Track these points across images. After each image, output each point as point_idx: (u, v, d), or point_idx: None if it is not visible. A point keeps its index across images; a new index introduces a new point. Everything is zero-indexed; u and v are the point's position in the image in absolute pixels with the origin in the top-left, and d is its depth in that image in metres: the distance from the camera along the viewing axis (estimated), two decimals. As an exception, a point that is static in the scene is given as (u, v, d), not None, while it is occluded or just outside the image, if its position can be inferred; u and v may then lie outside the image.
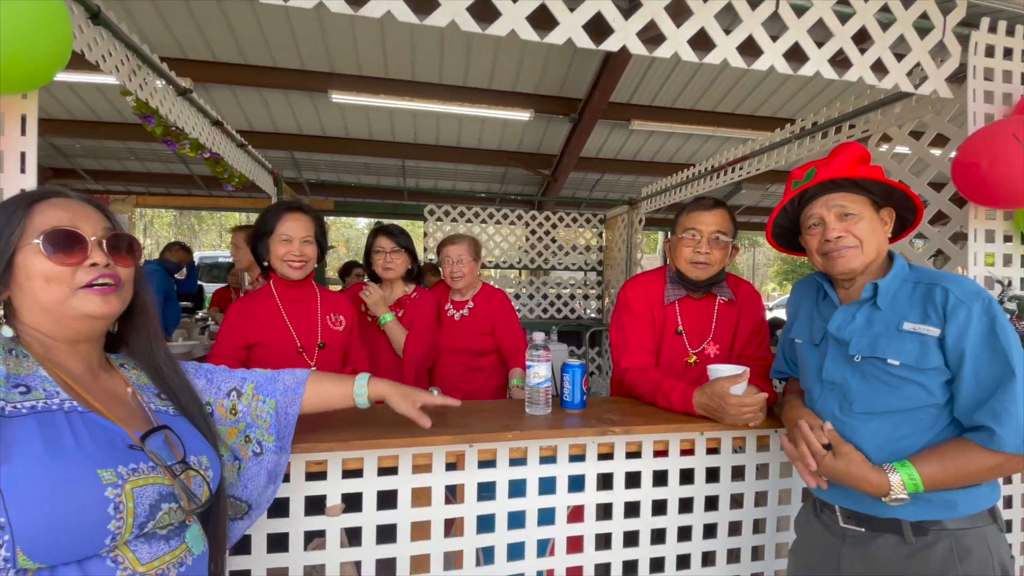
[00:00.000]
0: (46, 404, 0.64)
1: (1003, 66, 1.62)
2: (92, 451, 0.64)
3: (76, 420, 0.65)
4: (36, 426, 0.62)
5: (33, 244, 0.69)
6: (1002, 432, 0.89)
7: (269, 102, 5.08)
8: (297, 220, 1.62)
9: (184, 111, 2.15)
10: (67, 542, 0.59)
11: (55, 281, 0.69)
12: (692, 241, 1.52)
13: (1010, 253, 1.64)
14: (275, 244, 1.61)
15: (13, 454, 0.58)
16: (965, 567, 0.94)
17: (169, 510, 0.68)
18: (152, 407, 0.77)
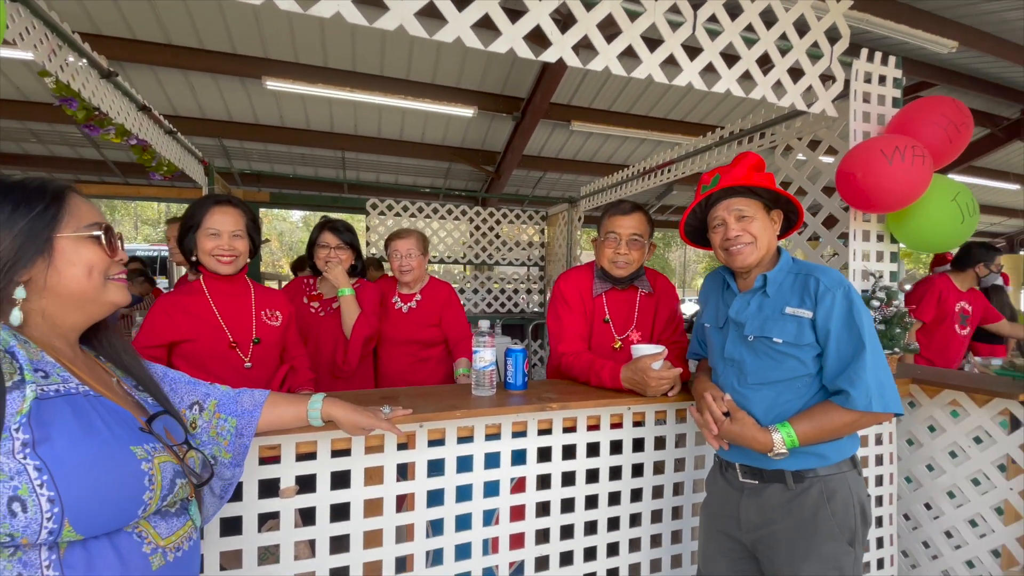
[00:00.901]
0: (66, 388, 0.67)
1: (878, 91, 1.90)
2: (119, 431, 0.68)
3: (95, 403, 0.68)
4: (67, 408, 0.65)
5: (92, 234, 0.73)
6: (855, 394, 1.10)
7: (195, 86, 4.81)
8: (226, 213, 1.57)
9: (108, 94, 2.05)
10: (109, 513, 0.63)
11: (97, 270, 0.73)
12: (613, 243, 1.71)
13: (882, 250, 1.93)
14: (203, 238, 1.56)
15: (53, 434, 0.61)
16: (832, 506, 1.15)
17: (182, 485, 0.74)
18: (137, 396, 0.80)
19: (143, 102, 2.33)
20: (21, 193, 0.69)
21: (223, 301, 1.61)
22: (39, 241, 0.69)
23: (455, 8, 1.41)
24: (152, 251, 10.40)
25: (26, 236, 0.68)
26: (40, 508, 0.58)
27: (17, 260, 0.67)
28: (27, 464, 0.59)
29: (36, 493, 0.58)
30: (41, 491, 0.58)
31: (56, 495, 0.59)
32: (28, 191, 0.70)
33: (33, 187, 0.71)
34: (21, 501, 0.57)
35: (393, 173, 6.95)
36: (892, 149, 1.60)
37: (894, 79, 1.94)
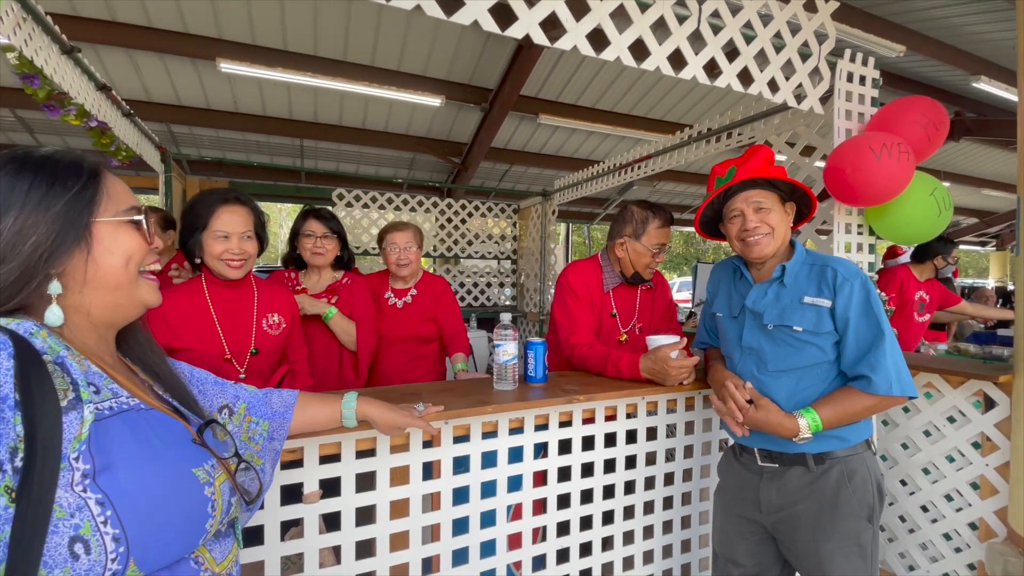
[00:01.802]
0: (118, 404, 0.58)
1: (859, 90, 2.00)
2: (178, 450, 0.60)
3: (148, 418, 0.60)
4: (124, 428, 0.57)
5: (131, 219, 0.64)
6: (876, 379, 1.16)
7: (140, 66, 4.44)
8: (235, 213, 1.44)
9: (68, 73, 1.85)
10: (175, 546, 0.56)
11: (134, 261, 0.64)
12: (659, 254, 1.77)
13: (861, 242, 2.04)
14: (210, 241, 1.42)
15: (113, 461, 0.54)
16: (852, 485, 1.22)
17: (235, 504, 0.67)
18: (171, 400, 0.71)
19: (103, 81, 2.12)
20: (54, 169, 0.60)
21: (224, 308, 1.49)
22: (77, 227, 0.59)
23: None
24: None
25: (63, 220, 0.58)
26: (104, 548, 0.50)
27: (54, 249, 0.58)
28: (88, 498, 0.51)
29: (100, 531, 0.51)
30: (105, 529, 0.51)
31: (121, 532, 0.51)
32: (62, 167, 0.60)
33: (67, 162, 0.61)
34: (84, 541, 0.50)
35: (354, 163, 6.71)
36: (880, 146, 1.68)
37: (872, 79, 2.05)
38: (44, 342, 0.55)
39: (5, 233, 0.55)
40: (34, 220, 0.57)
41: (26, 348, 0.52)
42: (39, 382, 0.51)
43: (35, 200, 0.58)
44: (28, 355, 0.52)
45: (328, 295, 2.02)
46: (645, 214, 1.77)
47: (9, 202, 0.56)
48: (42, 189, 0.58)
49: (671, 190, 8.39)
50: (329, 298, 2.02)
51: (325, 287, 2.04)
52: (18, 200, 0.57)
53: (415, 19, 4.14)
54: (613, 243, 1.82)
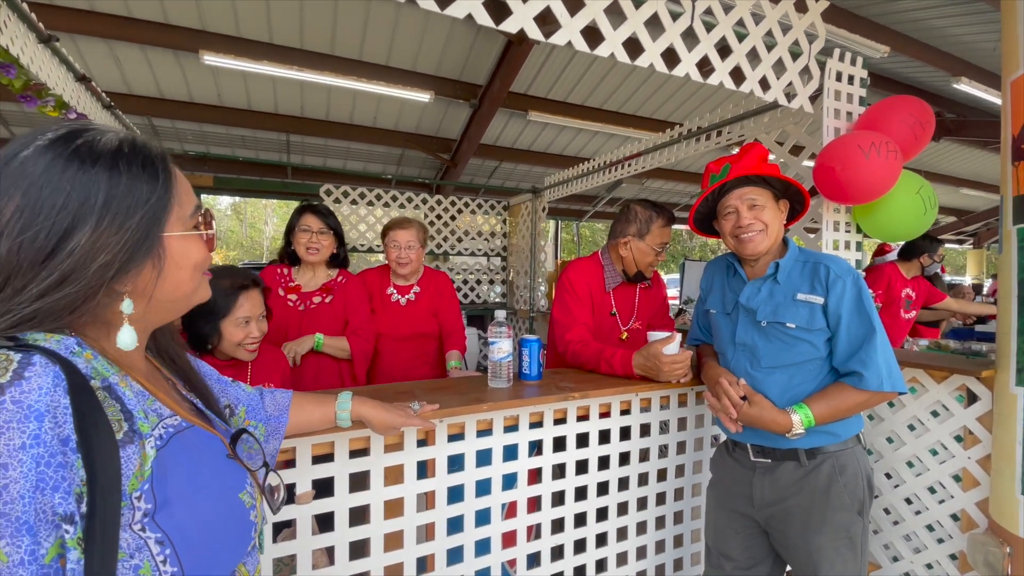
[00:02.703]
0: (165, 429, 0.54)
1: (847, 89, 2.02)
2: (224, 475, 0.57)
3: (192, 440, 0.56)
4: (174, 459, 0.53)
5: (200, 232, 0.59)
6: (868, 375, 1.18)
7: (121, 57, 4.33)
8: (252, 298, 1.42)
9: (46, 63, 1.79)
10: (223, 571, 0.54)
11: (200, 269, 0.59)
12: (663, 253, 1.79)
13: (849, 240, 2.07)
14: (231, 328, 1.39)
15: (170, 496, 0.50)
16: (843, 479, 1.23)
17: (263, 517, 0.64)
18: (197, 403, 0.67)
19: (82, 72, 2.06)
20: (129, 171, 0.52)
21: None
22: (151, 241, 0.53)
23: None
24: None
25: (139, 235, 0.52)
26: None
27: (125, 266, 0.51)
28: (148, 538, 0.48)
29: (159, 570, 0.48)
30: (164, 568, 0.48)
31: (179, 569, 0.49)
32: (136, 168, 0.53)
33: (141, 161, 0.53)
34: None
35: (341, 158, 6.64)
36: (869, 145, 1.71)
37: (860, 79, 2.08)
38: (88, 364, 0.50)
39: (78, 251, 0.48)
40: (106, 237, 0.50)
41: (78, 378, 0.47)
42: (92, 415, 0.46)
43: (111, 214, 0.50)
44: (81, 386, 0.46)
45: (322, 293, 2.00)
46: (649, 213, 1.78)
47: (82, 215, 0.49)
48: (117, 197, 0.51)
49: (660, 188, 8.44)
50: (323, 296, 1.99)
51: (319, 285, 2.01)
52: (92, 213, 0.49)
53: (404, 13, 4.09)
54: (616, 242, 1.82)
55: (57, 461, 0.43)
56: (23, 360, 0.44)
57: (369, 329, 1.99)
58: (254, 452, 0.68)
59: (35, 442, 0.42)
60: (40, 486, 0.42)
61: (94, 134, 0.53)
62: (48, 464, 0.42)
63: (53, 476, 0.43)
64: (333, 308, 1.98)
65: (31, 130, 0.52)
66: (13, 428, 0.41)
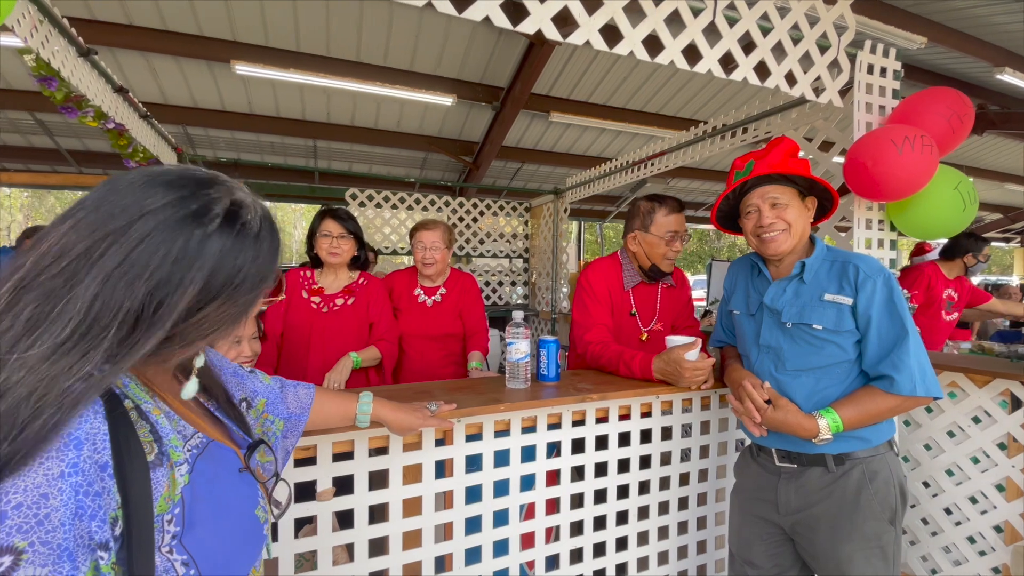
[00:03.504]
0: (190, 451, 0.55)
1: (880, 82, 1.95)
2: (241, 492, 0.59)
3: (214, 456, 0.58)
4: (200, 480, 0.54)
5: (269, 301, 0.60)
6: (900, 379, 1.13)
7: (158, 70, 4.51)
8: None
9: (86, 75, 1.88)
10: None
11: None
12: (673, 242, 1.73)
13: (882, 238, 1.99)
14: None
15: (195, 519, 0.52)
16: (874, 486, 1.18)
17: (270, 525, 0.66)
18: (209, 406, 0.68)
19: (120, 83, 2.15)
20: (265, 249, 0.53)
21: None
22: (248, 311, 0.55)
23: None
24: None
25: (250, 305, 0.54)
26: None
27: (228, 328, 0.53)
28: (175, 560, 0.49)
29: None
30: None
31: None
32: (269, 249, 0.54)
33: (273, 243, 0.55)
34: None
35: (366, 163, 6.75)
36: (902, 138, 1.64)
37: (894, 71, 2.00)
38: (122, 389, 0.51)
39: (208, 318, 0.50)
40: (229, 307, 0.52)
41: (112, 400, 0.47)
42: (125, 438, 0.47)
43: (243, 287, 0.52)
44: (115, 408, 0.47)
45: (344, 295, 2.04)
46: (651, 204, 1.76)
47: (223, 284, 0.50)
48: (250, 277, 0.52)
49: (685, 187, 8.30)
50: (346, 298, 2.03)
51: (341, 287, 2.05)
52: (230, 284, 0.50)
53: (426, 18, 4.14)
54: (626, 238, 1.81)
55: (95, 489, 0.43)
56: None
57: (394, 333, 2.04)
58: (267, 464, 0.69)
59: (74, 470, 0.42)
60: (79, 513, 0.42)
61: (240, 202, 0.53)
62: (87, 493, 0.43)
63: (91, 505, 0.43)
64: (355, 310, 2.01)
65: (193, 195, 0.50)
66: (52, 457, 0.42)
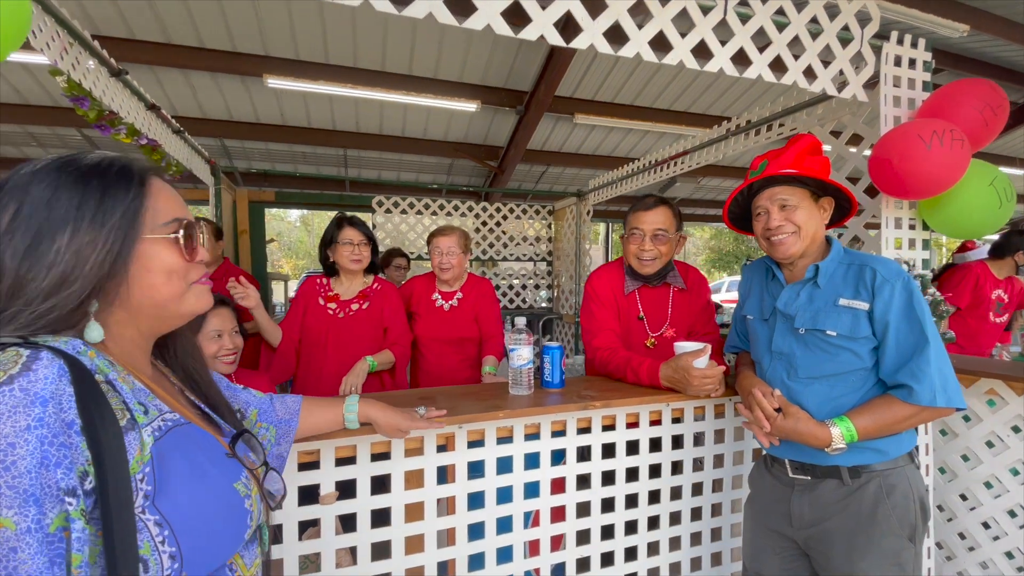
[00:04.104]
0: (164, 423, 0.58)
1: (908, 74, 1.86)
2: (220, 466, 0.61)
3: (191, 435, 0.61)
4: (174, 449, 0.57)
5: (169, 236, 0.61)
6: (919, 388, 1.07)
7: (196, 85, 4.73)
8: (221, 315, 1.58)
9: (118, 94, 1.99)
10: (219, 558, 0.58)
11: (176, 276, 0.62)
12: (637, 239, 1.68)
13: (914, 238, 1.89)
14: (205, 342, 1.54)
15: (169, 481, 0.55)
16: (891, 500, 1.12)
17: (263, 511, 0.68)
18: (201, 406, 0.72)
19: (152, 101, 2.27)
20: (102, 183, 0.57)
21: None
22: (127, 246, 0.57)
23: (484, -4, 1.36)
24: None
25: (121, 241, 0.57)
26: (161, 566, 0.52)
27: (116, 264, 0.56)
28: (148, 520, 0.52)
29: (158, 551, 0.52)
30: (163, 548, 0.52)
31: (177, 550, 0.53)
32: (109, 180, 0.57)
33: (116, 171, 0.58)
34: (143, 561, 0.51)
35: (395, 170, 6.88)
36: (930, 133, 1.55)
37: (924, 62, 1.90)
38: (92, 362, 0.55)
39: (64, 254, 0.54)
40: (91, 238, 0.55)
41: (81, 371, 0.52)
42: (97, 404, 0.51)
43: (89, 215, 0.55)
44: (84, 377, 0.51)
45: (359, 300, 2.09)
46: (630, 207, 1.74)
47: (61, 218, 0.54)
48: (92, 203, 0.56)
49: (717, 185, 8.10)
50: (361, 303, 2.08)
51: (356, 292, 2.11)
52: (70, 216, 0.55)
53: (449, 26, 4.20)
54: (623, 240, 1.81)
55: (60, 441, 0.48)
56: (31, 355, 0.50)
57: (407, 337, 2.09)
58: (255, 452, 0.71)
59: (39, 424, 0.47)
60: (44, 462, 0.47)
61: (82, 156, 0.59)
62: (51, 444, 0.47)
63: (56, 454, 0.47)
64: (370, 313, 2.06)
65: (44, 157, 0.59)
66: (20, 412, 0.47)
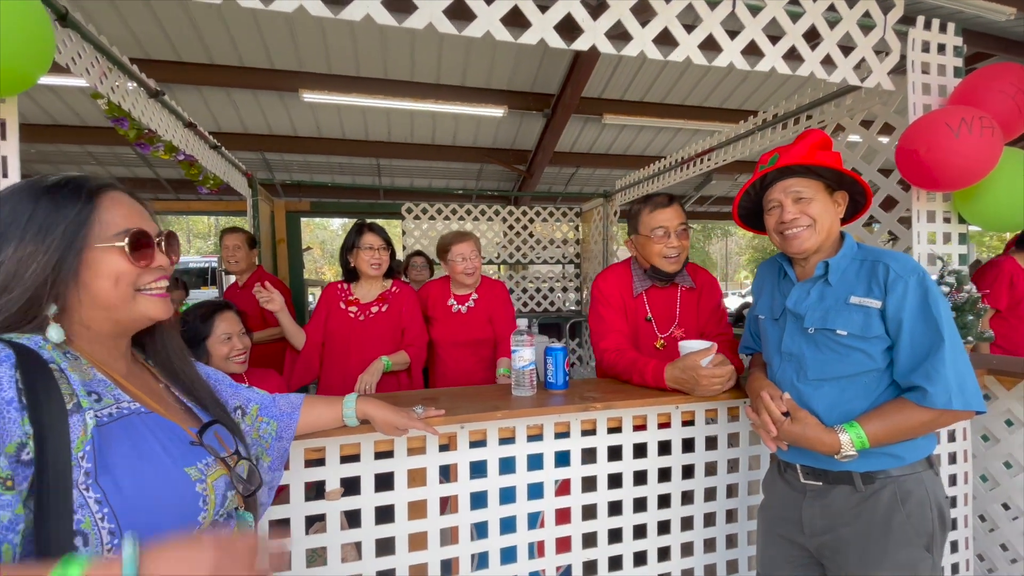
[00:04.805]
0: (119, 410, 0.64)
1: (938, 60, 1.76)
2: (173, 451, 0.65)
3: (147, 422, 0.66)
4: (122, 433, 0.62)
5: (115, 245, 0.66)
6: (933, 391, 1.01)
7: (238, 102, 5.00)
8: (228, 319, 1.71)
9: (156, 113, 2.14)
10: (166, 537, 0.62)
11: (123, 281, 0.67)
12: (663, 238, 1.63)
13: (949, 232, 1.78)
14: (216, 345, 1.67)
15: (111, 462, 0.59)
16: (907, 508, 1.06)
17: (232, 498, 0.72)
18: (187, 402, 0.78)
19: (189, 119, 2.42)
20: (54, 197, 0.64)
21: None
22: (71, 256, 0.64)
23: (484, 3, 1.39)
24: (203, 262, 10.92)
25: (62, 248, 0.63)
26: (101, 541, 0.56)
27: (56, 276, 0.63)
28: (89, 497, 0.56)
29: (98, 526, 0.56)
30: (102, 524, 0.56)
31: (116, 527, 0.57)
32: (63, 195, 0.65)
33: (69, 190, 0.65)
34: (83, 535, 0.55)
35: (426, 177, 7.02)
36: (958, 121, 1.47)
37: (954, 47, 1.79)
38: (50, 354, 0.61)
39: (7, 263, 0.61)
40: (33, 249, 0.61)
41: (33, 358, 0.58)
42: (45, 387, 0.57)
43: (34, 229, 0.62)
44: (35, 364, 0.58)
45: (379, 303, 2.15)
46: (638, 207, 1.70)
47: (10, 232, 0.61)
48: (39, 218, 0.62)
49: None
50: (380, 306, 2.14)
51: (376, 296, 2.17)
52: (18, 229, 0.62)
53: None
54: (627, 244, 1.77)
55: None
56: None
57: (422, 339, 2.14)
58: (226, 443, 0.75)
59: None
60: None
61: (45, 177, 0.67)
62: None
63: None
64: (389, 316, 2.12)
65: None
66: None
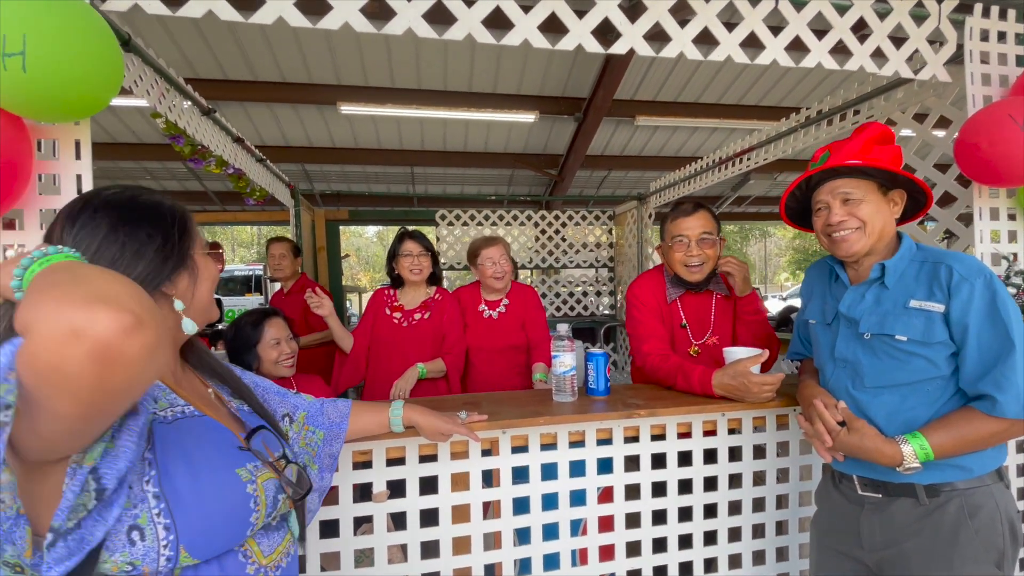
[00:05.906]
0: (174, 412, 0.68)
1: (998, 49, 1.66)
2: (225, 453, 0.69)
3: (200, 425, 0.69)
4: (177, 435, 0.65)
5: (212, 252, 0.77)
6: (1004, 400, 0.95)
7: (280, 117, 5.20)
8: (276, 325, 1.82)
9: (208, 130, 2.25)
10: (221, 538, 0.65)
11: (214, 284, 0.78)
12: (683, 246, 1.62)
13: (1015, 229, 1.68)
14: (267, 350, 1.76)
15: (168, 461, 0.62)
16: (975, 523, 1.00)
17: (283, 500, 0.74)
18: (234, 407, 0.81)
19: (237, 134, 2.54)
20: (157, 212, 0.71)
21: None
22: (182, 255, 0.71)
23: (521, 11, 1.40)
24: (248, 270, 11.38)
25: (170, 251, 0.70)
26: (157, 536, 0.58)
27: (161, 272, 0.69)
28: (148, 492, 0.59)
29: (154, 522, 0.58)
30: (158, 519, 0.59)
31: (172, 523, 0.59)
32: (163, 211, 0.72)
33: (166, 208, 0.73)
34: (140, 529, 0.58)
35: (459, 184, 7.12)
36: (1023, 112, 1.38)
37: (1016, 35, 1.69)
38: None
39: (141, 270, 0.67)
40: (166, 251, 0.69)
41: None
42: None
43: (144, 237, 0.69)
44: None
45: (422, 310, 2.19)
46: (665, 213, 1.69)
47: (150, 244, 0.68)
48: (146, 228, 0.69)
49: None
50: (423, 313, 2.18)
51: (419, 303, 2.22)
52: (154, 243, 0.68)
53: (505, 41, 4.30)
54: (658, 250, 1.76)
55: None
56: None
57: (460, 346, 2.15)
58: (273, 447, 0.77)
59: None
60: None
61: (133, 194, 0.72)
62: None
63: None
64: (432, 323, 2.16)
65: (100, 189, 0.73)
66: None
